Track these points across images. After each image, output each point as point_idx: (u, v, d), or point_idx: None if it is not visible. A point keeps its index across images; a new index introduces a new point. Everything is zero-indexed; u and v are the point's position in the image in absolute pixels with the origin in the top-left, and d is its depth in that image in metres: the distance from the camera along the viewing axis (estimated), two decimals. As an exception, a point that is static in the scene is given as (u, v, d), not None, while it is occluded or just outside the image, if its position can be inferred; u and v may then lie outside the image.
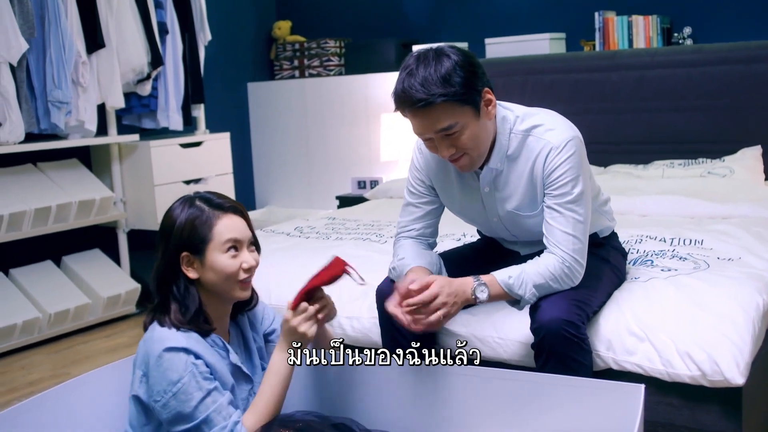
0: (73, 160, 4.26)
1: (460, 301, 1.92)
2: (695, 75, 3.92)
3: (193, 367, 1.64)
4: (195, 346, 1.67)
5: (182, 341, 1.66)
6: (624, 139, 4.13)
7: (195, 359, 1.65)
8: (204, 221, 1.72)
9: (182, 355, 1.64)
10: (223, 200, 1.78)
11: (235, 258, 1.74)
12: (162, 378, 1.64)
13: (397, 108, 1.94)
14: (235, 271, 1.74)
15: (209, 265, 1.72)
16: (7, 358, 3.76)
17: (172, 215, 1.75)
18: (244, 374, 1.81)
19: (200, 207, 1.74)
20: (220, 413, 1.64)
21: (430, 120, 1.90)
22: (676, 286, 2.16)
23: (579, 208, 1.98)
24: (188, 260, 1.74)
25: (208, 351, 1.71)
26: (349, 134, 5.23)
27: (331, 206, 5.19)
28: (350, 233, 3.18)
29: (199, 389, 1.63)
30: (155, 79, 4.42)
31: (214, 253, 1.72)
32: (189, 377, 1.63)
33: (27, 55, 3.72)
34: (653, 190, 3.44)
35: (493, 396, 1.84)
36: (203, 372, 1.65)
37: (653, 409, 2.03)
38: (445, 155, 1.95)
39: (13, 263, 4.05)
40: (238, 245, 1.75)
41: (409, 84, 1.88)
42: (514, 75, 4.39)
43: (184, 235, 1.72)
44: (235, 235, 1.74)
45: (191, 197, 1.77)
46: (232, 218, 1.76)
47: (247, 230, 1.79)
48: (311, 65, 5.45)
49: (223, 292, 1.76)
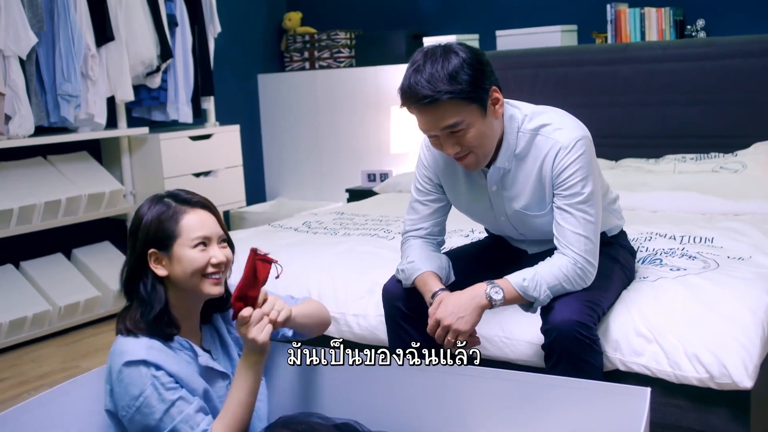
0: (82, 153, 4.27)
1: (468, 313, 1.91)
2: (708, 68, 3.88)
3: (153, 379, 1.60)
4: (156, 356, 1.63)
5: (141, 353, 1.62)
6: (635, 133, 4.10)
7: (156, 371, 1.61)
8: (170, 216, 1.70)
9: (142, 368, 1.61)
10: (191, 196, 1.76)
11: (204, 252, 1.70)
12: (125, 393, 1.62)
13: (403, 104, 1.93)
14: (203, 265, 1.69)
15: (177, 260, 1.69)
16: (18, 350, 3.78)
17: (140, 213, 1.73)
18: (219, 372, 1.78)
19: (167, 203, 1.72)
20: (187, 423, 1.61)
21: (435, 117, 1.89)
22: (685, 286, 2.14)
23: (589, 208, 1.96)
24: (156, 257, 1.70)
25: (172, 358, 1.67)
26: (359, 126, 5.22)
27: (341, 199, 5.18)
28: (358, 229, 3.17)
29: (161, 401, 1.60)
30: (165, 72, 4.42)
31: (182, 248, 1.69)
32: (150, 390, 1.60)
33: (36, 49, 3.72)
34: (664, 185, 3.41)
35: (496, 397, 1.83)
36: (165, 383, 1.62)
37: (660, 410, 2.02)
38: (450, 153, 1.94)
39: (23, 256, 4.07)
40: (206, 241, 1.71)
41: (415, 80, 1.87)
42: (525, 68, 4.36)
43: (151, 232, 1.70)
44: (204, 231, 1.71)
45: (160, 195, 1.75)
46: (200, 213, 1.72)
47: (216, 226, 1.75)
48: (321, 57, 5.43)
49: (192, 289, 1.71)
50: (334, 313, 2.52)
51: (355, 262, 2.66)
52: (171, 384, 1.63)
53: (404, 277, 2.13)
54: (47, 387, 3.30)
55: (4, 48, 3.54)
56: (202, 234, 1.70)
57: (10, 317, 3.68)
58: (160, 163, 4.33)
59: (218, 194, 4.67)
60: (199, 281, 1.70)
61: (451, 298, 1.94)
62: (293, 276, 2.68)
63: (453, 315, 1.91)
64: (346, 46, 5.37)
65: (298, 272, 2.68)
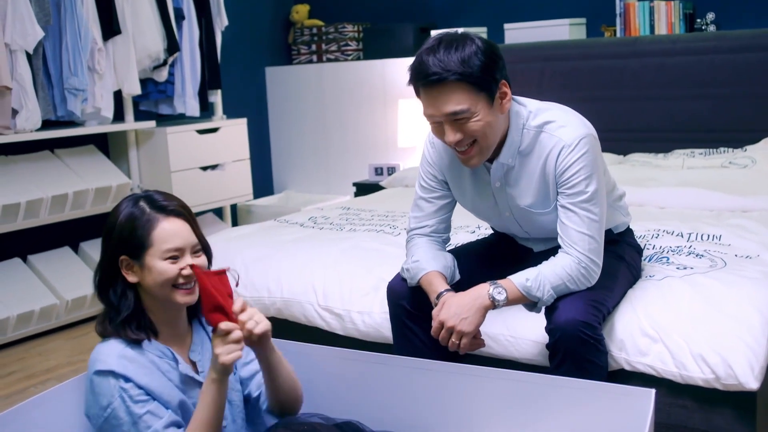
0: (90, 146, 4.27)
1: (471, 314, 1.90)
2: (718, 62, 3.85)
3: (121, 392, 1.57)
4: (126, 367, 1.60)
5: (111, 363, 1.59)
6: (644, 128, 4.08)
7: (124, 382, 1.58)
8: (143, 224, 1.64)
9: (110, 379, 1.58)
10: (168, 202, 1.68)
11: (174, 264, 1.64)
12: (95, 402, 1.60)
13: (410, 82, 1.92)
14: (173, 276, 1.64)
15: (147, 269, 1.64)
16: (26, 344, 3.79)
17: (115, 213, 1.68)
18: (199, 382, 1.72)
19: (142, 208, 1.66)
20: None
21: (441, 100, 1.87)
22: (692, 285, 2.12)
23: (594, 207, 1.94)
24: (127, 264, 1.66)
25: (145, 369, 1.63)
26: (366, 120, 5.20)
27: (348, 192, 5.18)
28: (364, 224, 3.16)
29: (128, 414, 1.57)
30: (172, 65, 4.41)
31: (153, 259, 1.63)
32: (118, 402, 1.57)
33: (43, 43, 3.72)
34: (672, 181, 3.38)
35: (499, 397, 1.82)
36: (134, 395, 1.58)
37: (666, 410, 2.00)
38: (451, 140, 1.91)
39: (31, 249, 4.08)
40: (179, 252, 1.65)
41: (426, 59, 1.86)
42: (533, 61, 4.34)
43: (123, 237, 1.65)
44: (176, 243, 1.65)
45: (137, 197, 1.69)
46: (174, 222, 1.66)
47: (191, 235, 1.68)
48: (329, 50, 5.41)
49: (164, 298, 1.67)
50: (340, 311, 2.53)
51: (361, 259, 2.65)
52: (140, 396, 1.60)
53: (409, 276, 2.12)
54: (54, 381, 3.32)
55: (10, 42, 3.54)
56: (174, 246, 1.65)
57: (17, 311, 3.69)
58: (167, 156, 4.32)
59: (225, 188, 4.67)
60: (170, 291, 1.66)
61: (454, 299, 1.93)
62: (298, 273, 2.68)
63: (456, 316, 1.90)
64: (353, 39, 5.35)
65: (302, 269, 2.68)
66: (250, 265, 2.79)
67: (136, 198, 1.69)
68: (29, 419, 1.73)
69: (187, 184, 4.42)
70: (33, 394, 3.17)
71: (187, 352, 1.76)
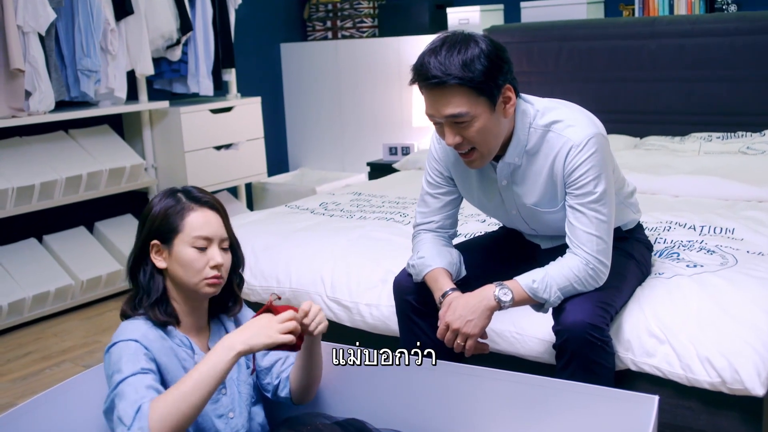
0: (104, 126, 4.28)
1: (476, 316, 1.89)
2: (738, 44, 3.77)
3: (136, 350, 1.61)
4: (150, 342, 1.64)
5: (136, 335, 1.64)
6: (661, 109, 4.02)
7: (144, 348, 1.62)
8: (177, 211, 1.71)
9: (131, 343, 1.62)
10: (202, 195, 1.76)
11: (203, 255, 1.70)
12: (109, 367, 1.62)
13: (412, 81, 1.90)
14: (201, 268, 1.70)
15: (175, 256, 1.70)
16: (42, 324, 3.84)
17: (151, 203, 1.75)
18: None
19: (178, 198, 1.74)
20: (133, 385, 1.55)
21: (441, 102, 1.85)
22: (701, 285, 2.10)
23: (602, 207, 1.92)
24: (157, 249, 1.72)
25: (166, 350, 1.67)
26: (381, 98, 5.17)
27: (362, 170, 5.16)
28: (374, 211, 3.15)
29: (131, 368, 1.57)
30: (185, 45, 4.39)
31: (182, 245, 1.70)
32: (127, 357, 1.59)
33: (56, 24, 3.71)
34: (688, 168, 3.34)
35: (503, 398, 1.82)
36: (143, 358, 1.60)
37: (671, 411, 1.99)
38: (450, 143, 1.90)
39: (46, 229, 4.11)
40: (207, 242, 1.71)
41: (428, 60, 1.83)
42: (549, 40, 4.28)
43: (156, 223, 1.72)
44: (206, 232, 1.71)
45: (175, 189, 1.77)
46: (206, 213, 1.73)
47: (221, 228, 1.74)
48: (344, 26, 5.36)
49: (188, 287, 1.72)
50: (348, 303, 2.53)
51: (369, 250, 2.64)
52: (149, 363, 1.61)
53: (414, 272, 2.11)
54: (69, 363, 3.37)
55: (23, 24, 3.53)
56: (204, 234, 1.70)
57: (33, 292, 3.73)
58: (181, 136, 4.32)
59: (239, 167, 4.67)
60: (195, 281, 1.71)
61: (460, 300, 1.92)
62: (307, 263, 2.68)
63: (462, 318, 1.89)
64: (369, 15, 5.29)
65: (312, 259, 2.68)
66: (259, 254, 2.80)
67: (174, 190, 1.77)
68: (47, 411, 1.77)
69: (201, 163, 4.42)
70: (48, 376, 3.25)
71: (205, 342, 1.80)
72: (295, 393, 1.86)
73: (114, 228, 4.33)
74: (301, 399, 1.88)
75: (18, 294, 3.69)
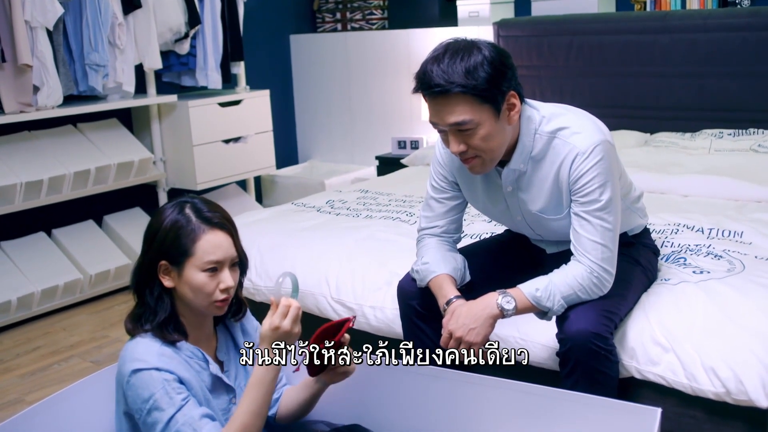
0: (112, 120, 4.28)
1: (479, 324, 1.88)
2: (751, 39, 3.73)
3: (164, 383, 1.60)
4: (167, 363, 1.63)
5: (153, 360, 1.62)
6: (672, 105, 3.99)
7: (168, 374, 1.61)
8: (188, 233, 1.66)
9: (153, 372, 1.61)
10: (213, 213, 1.71)
11: (213, 278, 1.68)
12: (137, 397, 1.61)
13: (416, 90, 1.88)
14: (211, 292, 1.68)
15: (185, 279, 1.67)
16: (50, 318, 3.86)
17: (160, 218, 1.70)
18: (226, 385, 1.76)
19: (188, 216, 1.68)
20: (191, 426, 1.58)
21: (445, 110, 1.83)
22: (707, 293, 2.08)
23: (608, 215, 1.90)
24: (165, 269, 1.69)
25: (182, 366, 1.66)
26: (390, 91, 5.14)
27: (371, 163, 5.15)
28: (381, 210, 3.14)
29: (171, 403, 1.59)
30: (193, 38, 4.38)
31: (192, 269, 1.66)
32: (161, 393, 1.59)
33: (64, 18, 3.71)
34: (698, 167, 3.31)
35: (506, 408, 1.81)
36: (176, 387, 1.61)
37: (676, 420, 1.98)
38: (454, 150, 1.88)
39: (55, 223, 4.13)
40: (218, 266, 1.68)
41: (431, 68, 1.81)
42: (560, 35, 4.24)
43: (166, 243, 1.67)
44: (218, 256, 1.67)
45: (184, 202, 1.71)
46: (218, 235, 1.68)
47: (232, 248, 1.71)
48: (354, 18, 5.34)
49: (197, 308, 1.71)
50: (352, 304, 2.52)
51: (375, 251, 2.64)
52: (181, 389, 1.62)
53: (419, 278, 2.10)
54: (78, 359, 3.38)
55: (30, 19, 3.53)
56: (216, 258, 1.67)
57: (42, 286, 3.75)
58: (190, 130, 4.31)
59: (248, 160, 4.67)
60: (205, 304, 1.70)
61: (463, 308, 1.91)
62: (313, 264, 2.68)
63: (465, 327, 1.88)
64: (378, 7, 5.26)
65: (317, 260, 2.67)
66: (265, 253, 2.80)
67: (182, 204, 1.71)
68: (59, 411, 1.78)
69: (210, 157, 4.42)
70: (57, 371, 3.26)
71: (213, 352, 1.80)
72: (282, 417, 1.87)
73: (123, 222, 4.34)
74: (284, 422, 1.89)
75: (27, 288, 3.71)
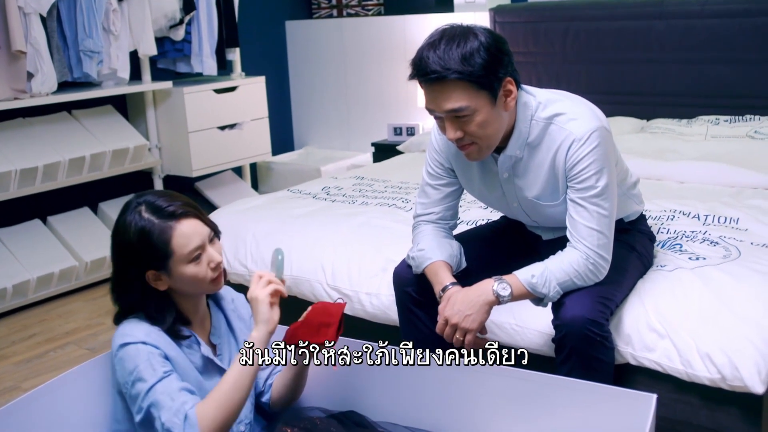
0: (107, 106, 4.26)
1: (475, 311, 1.88)
2: (748, 26, 3.72)
3: (148, 355, 1.60)
4: (155, 340, 1.63)
5: (140, 336, 1.62)
6: (668, 92, 3.98)
7: (153, 348, 1.61)
8: (159, 236, 1.63)
9: (139, 345, 1.61)
10: (171, 204, 1.66)
11: (200, 263, 1.67)
12: (122, 370, 1.62)
13: (411, 77, 1.87)
14: (204, 275, 1.68)
15: (176, 276, 1.67)
16: (46, 305, 3.85)
17: (122, 230, 1.66)
18: (218, 367, 1.77)
19: (149, 220, 1.63)
20: (169, 395, 1.58)
21: (441, 97, 1.82)
22: (703, 279, 2.08)
23: (604, 201, 1.89)
24: (155, 276, 1.67)
25: (170, 345, 1.67)
26: (386, 78, 5.13)
27: (367, 149, 5.14)
28: (377, 197, 3.13)
29: (153, 373, 1.59)
30: (188, 24, 4.35)
31: (179, 265, 1.65)
32: (144, 364, 1.59)
33: (58, 4, 3.69)
34: (694, 153, 3.30)
35: (502, 394, 1.82)
36: (160, 361, 1.61)
37: (671, 406, 1.99)
38: (451, 137, 1.87)
39: (50, 211, 4.12)
40: (200, 250, 1.67)
41: (427, 55, 1.80)
42: (556, 21, 4.23)
43: (143, 254, 1.64)
44: (196, 243, 1.66)
45: (137, 205, 1.66)
46: (186, 224, 1.66)
47: (203, 227, 1.69)
48: (349, 4, 5.31)
49: (195, 292, 1.73)
50: (348, 291, 2.52)
51: (370, 238, 2.63)
52: (165, 363, 1.63)
53: (414, 264, 2.10)
54: (74, 345, 3.38)
55: (24, 5, 3.51)
56: (195, 245, 1.66)
57: (37, 273, 3.74)
58: (185, 116, 4.30)
59: (243, 147, 4.65)
60: (203, 288, 1.72)
61: (458, 295, 1.91)
62: (308, 251, 2.67)
63: (460, 313, 1.88)
64: (374, -7, 5.24)
65: (312, 247, 2.67)
66: (260, 240, 2.79)
67: (137, 209, 1.66)
68: (55, 397, 1.78)
69: (205, 143, 4.40)
70: (53, 358, 3.26)
71: (207, 335, 1.80)
72: (275, 402, 1.88)
73: (118, 209, 4.16)
74: (278, 407, 1.90)
75: (22, 275, 3.70)
